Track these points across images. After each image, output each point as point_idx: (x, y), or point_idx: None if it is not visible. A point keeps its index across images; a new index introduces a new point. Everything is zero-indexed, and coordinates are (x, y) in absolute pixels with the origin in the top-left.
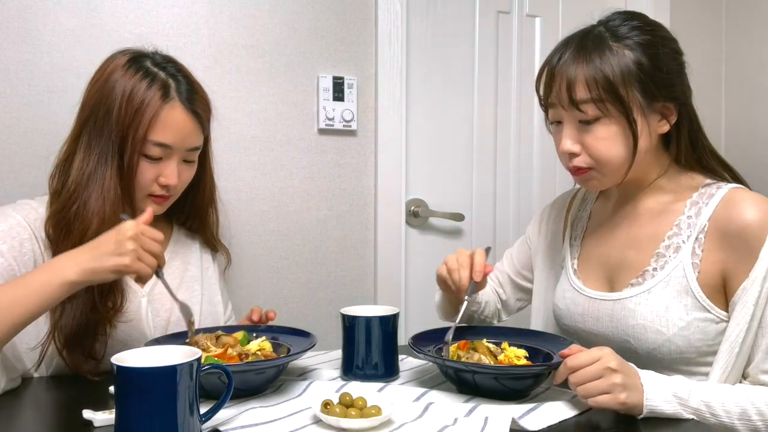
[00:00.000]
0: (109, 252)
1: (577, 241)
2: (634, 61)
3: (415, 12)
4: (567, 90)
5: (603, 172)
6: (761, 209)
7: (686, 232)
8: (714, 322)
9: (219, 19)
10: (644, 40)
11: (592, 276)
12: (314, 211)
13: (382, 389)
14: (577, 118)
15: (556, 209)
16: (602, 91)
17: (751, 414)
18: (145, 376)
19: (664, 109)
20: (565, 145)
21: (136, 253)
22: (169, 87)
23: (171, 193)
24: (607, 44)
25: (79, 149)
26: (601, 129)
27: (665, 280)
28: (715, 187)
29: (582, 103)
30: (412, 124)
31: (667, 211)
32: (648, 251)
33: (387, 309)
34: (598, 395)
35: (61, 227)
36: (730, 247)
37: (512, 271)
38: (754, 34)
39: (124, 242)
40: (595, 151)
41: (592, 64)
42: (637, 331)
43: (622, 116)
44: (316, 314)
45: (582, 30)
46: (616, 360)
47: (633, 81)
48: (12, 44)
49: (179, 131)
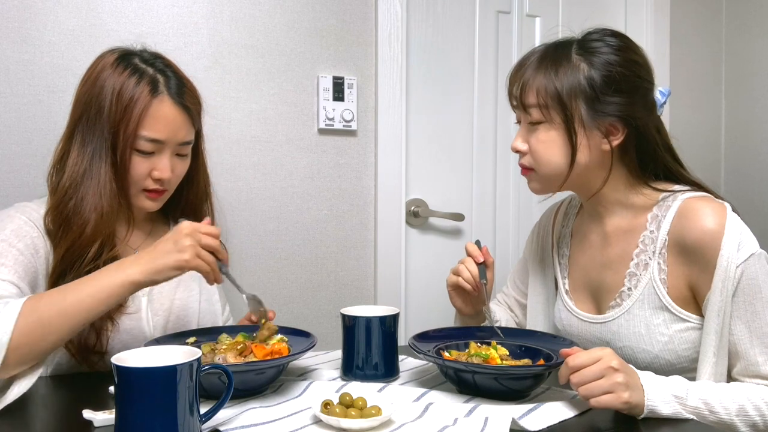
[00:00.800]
0: (168, 250)
1: (564, 259)
2: (586, 76)
3: (415, 12)
4: (520, 92)
5: (541, 174)
6: (713, 218)
7: (650, 247)
8: (696, 329)
9: (219, 19)
10: (607, 59)
11: (581, 297)
12: (314, 211)
13: (382, 389)
14: (527, 120)
15: (542, 225)
16: (548, 98)
17: (748, 410)
18: (145, 376)
19: (610, 127)
20: (514, 143)
21: (194, 249)
22: (158, 82)
23: (165, 188)
24: (567, 56)
25: (73, 147)
26: (543, 132)
27: (640, 299)
28: (671, 198)
29: (529, 107)
30: (412, 124)
31: (632, 229)
32: (621, 271)
33: (387, 309)
34: (601, 395)
35: (59, 223)
36: (689, 260)
37: (518, 293)
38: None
39: (182, 239)
40: (535, 153)
41: (546, 73)
42: (626, 353)
43: (563, 125)
44: (316, 314)
45: (557, 40)
46: (617, 359)
47: (579, 95)
48: (12, 44)
49: (169, 125)
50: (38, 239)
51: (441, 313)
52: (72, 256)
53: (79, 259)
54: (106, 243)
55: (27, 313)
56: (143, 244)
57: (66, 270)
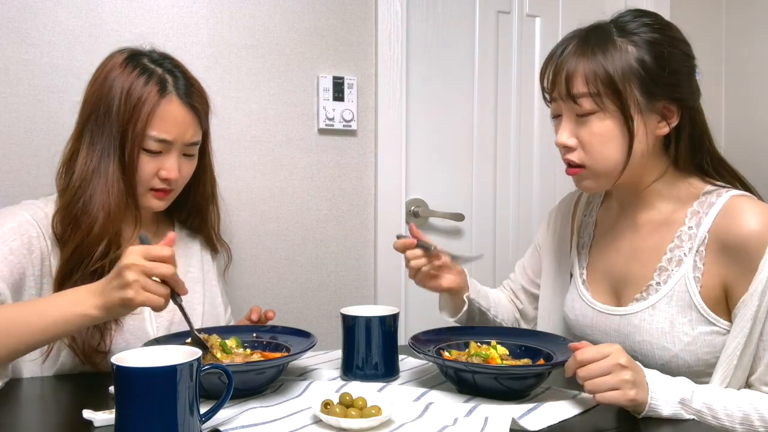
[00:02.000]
0: (113, 286)
1: (585, 249)
2: (636, 58)
3: (415, 12)
4: (565, 82)
5: (595, 170)
6: (761, 219)
7: (687, 244)
8: (720, 334)
9: (219, 19)
10: (651, 38)
11: (600, 288)
12: (314, 211)
13: (382, 389)
14: (574, 112)
15: (561, 213)
16: (600, 85)
17: (753, 419)
18: (145, 376)
19: (664, 110)
20: (561, 138)
21: (138, 283)
22: (167, 82)
23: (172, 188)
24: (611, 39)
25: (82, 147)
26: (597, 123)
27: (669, 294)
28: (716, 194)
29: (579, 97)
30: (412, 124)
31: (668, 222)
32: (651, 264)
33: (387, 309)
34: (607, 391)
35: (68, 222)
36: (730, 259)
37: (525, 281)
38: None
39: (124, 273)
40: (589, 147)
41: (593, 58)
42: (644, 348)
43: (618, 112)
44: (316, 314)
45: (590, 24)
46: (626, 356)
47: (633, 78)
48: (12, 44)
49: (177, 125)
50: (36, 240)
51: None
52: (80, 255)
53: (87, 258)
54: (113, 242)
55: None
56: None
57: (73, 269)
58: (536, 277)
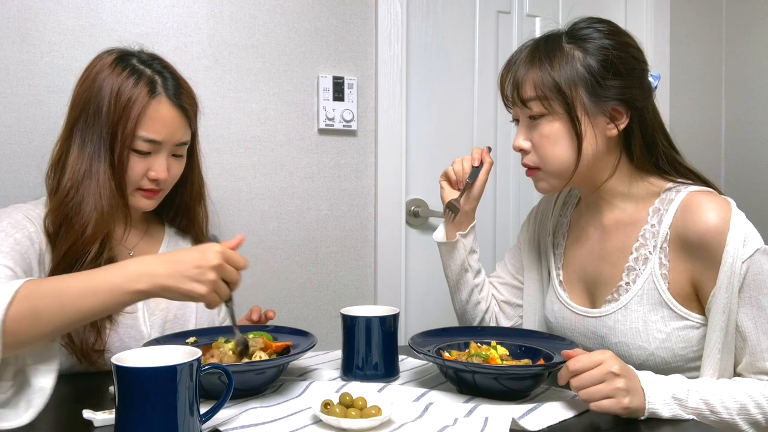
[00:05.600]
0: (189, 276)
1: (559, 250)
2: (583, 63)
3: (415, 12)
4: (515, 89)
5: (549, 171)
6: (717, 213)
7: (651, 242)
8: (694, 328)
9: (219, 19)
10: (600, 44)
11: (576, 289)
12: (314, 211)
13: (382, 389)
14: (527, 115)
15: (542, 212)
16: (546, 90)
17: (750, 408)
18: (145, 376)
19: (613, 112)
20: (516, 141)
21: (214, 284)
22: (156, 83)
23: (161, 188)
24: (559, 46)
25: (72, 148)
26: (546, 126)
27: (639, 294)
28: (675, 191)
29: (528, 101)
30: (412, 124)
31: (632, 222)
32: (619, 265)
33: (387, 309)
34: (601, 399)
35: (60, 223)
36: (693, 255)
37: (506, 274)
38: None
39: (207, 272)
40: (540, 148)
41: (541, 65)
42: (621, 349)
43: (565, 114)
44: (316, 314)
45: (545, 33)
46: (618, 364)
47: (579, 82)
48: (12, 44)
49: (167, 126)
50: (35, 234)
51: (441, 313)
52: (74, 256)
53: (81, 259)
54: (106, 243)
55: (21, 299)
56: (139, 245)
57: (66, 270)
58: (517, 273)
